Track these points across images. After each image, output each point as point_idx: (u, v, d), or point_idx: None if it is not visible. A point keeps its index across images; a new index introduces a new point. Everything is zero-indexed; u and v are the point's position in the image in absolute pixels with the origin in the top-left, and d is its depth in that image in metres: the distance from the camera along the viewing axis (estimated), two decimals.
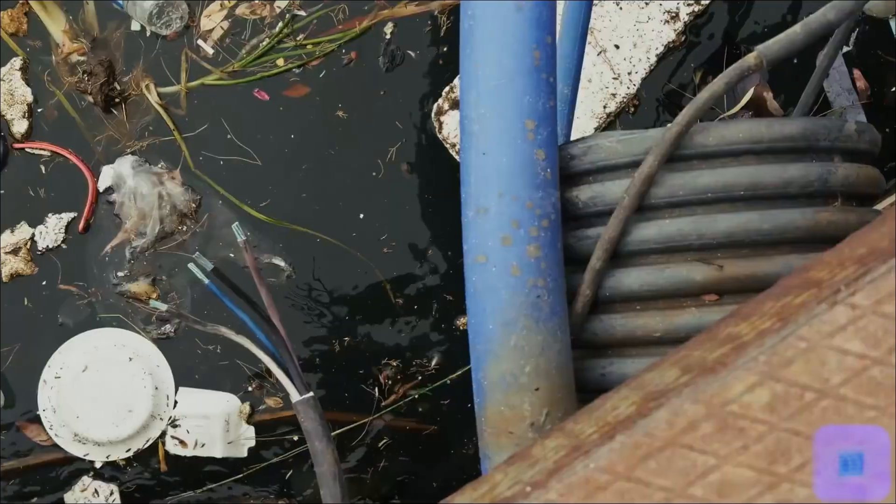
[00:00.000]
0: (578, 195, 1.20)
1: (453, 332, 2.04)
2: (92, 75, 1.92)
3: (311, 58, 1.98)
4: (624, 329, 1.16)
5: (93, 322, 1.97)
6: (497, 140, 1.16)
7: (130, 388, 1.91)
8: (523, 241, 1.13)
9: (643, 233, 1.14)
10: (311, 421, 1.19)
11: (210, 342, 1.98)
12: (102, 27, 1.99)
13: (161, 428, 1.94)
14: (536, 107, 1.17)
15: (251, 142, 2.00)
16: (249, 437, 1.95)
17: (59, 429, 1.92)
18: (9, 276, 1.95)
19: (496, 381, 1.13)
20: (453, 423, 2.04)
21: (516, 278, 1.13)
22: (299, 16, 1.99)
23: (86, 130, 1.98)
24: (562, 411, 1.13)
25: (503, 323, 1.13)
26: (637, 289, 1.15)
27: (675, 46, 2.04)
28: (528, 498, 0.72)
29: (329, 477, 1.18)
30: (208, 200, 1.98)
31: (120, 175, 1.94)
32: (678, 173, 1.12)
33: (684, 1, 2.05)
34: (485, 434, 1.15)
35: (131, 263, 1.96)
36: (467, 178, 1.18)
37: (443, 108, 2.00)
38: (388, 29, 2.02)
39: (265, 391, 1.97)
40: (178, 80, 1.98)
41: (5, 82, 1.93)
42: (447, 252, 2.05)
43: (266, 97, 1.99)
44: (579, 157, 1.19)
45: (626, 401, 0.78)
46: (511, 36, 1.17)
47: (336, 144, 2.01)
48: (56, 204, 1.97)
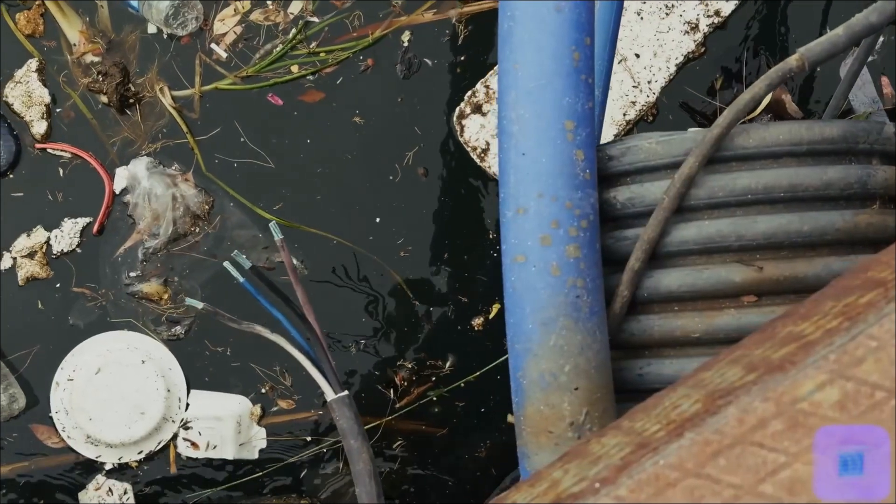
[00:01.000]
0: (616, 196, 1.20)
1: (468, 333, 2.04)
2: (107, 76, 1.92)
3: (324, 65, 1.98)
4: (662, 330, 1.16)
5: (103, 323, 1.96)
6: (536, 141, 1.16)
7: (143, 390, 1.90)
8: (563, 241, 1.14)
9: (682, 234, 1.15)
10: (347, 419, 1.19)
11: (219, 344, 1.98)
12: (117, 30, 1.98)
13: (173, 430, 1.93)
14: (575, 108, 1.17)
15: (266, 146, 2.00)
16: (261, 439, 1.95)
17: (72, 430, 1.91)
18: (24, 280, 1.94)
19: (535, 379, 1.13)
20: (467, 426, 2.04)
21: (556, 278, 1.13)
22: (312, 22, 1.99)
23: (101, 131, 1.97)
24: (601, 411, 1.13)
25: (542, 322, 1.13)
26: (676, 290, 1.15)
27: (695, 57, 2.05)
28: (598, 494, 0.73)
29: (365, 475, 1.18)
30: (221, 202, 1.98)
31: (134, 176, 1.94)
32: (718, 175, 1.13)
33: (704, 12, 2.06)
34: (524, 433, 1.15)
35: (144, 264, 1.95)
36: (506, 179, 1.18)
37: (464, 111, 2.01)
38: (406, 37, 2.02)
39: (277, 393, 1.96)
40: (192, 84, 1.98)
41: (23, 84, 1.93)
42: (463, 256, 2.06)
43: (279, 102, 1.99)
44: (617, 158, 1.20)
45: (688, 399, 0.79)
46: (550, 37, 1.18)
47: (353, 149, 2.01)
48: (72, 206, 1.96)
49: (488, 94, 2.02)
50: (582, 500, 0.73)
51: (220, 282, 1.98)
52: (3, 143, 1.92)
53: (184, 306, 1.93)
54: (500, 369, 2.03)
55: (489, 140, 2.02)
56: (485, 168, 2.02)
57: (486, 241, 2.04)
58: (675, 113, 2.07)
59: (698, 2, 2.09)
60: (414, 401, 1.95)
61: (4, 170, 1.93)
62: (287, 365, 1.98)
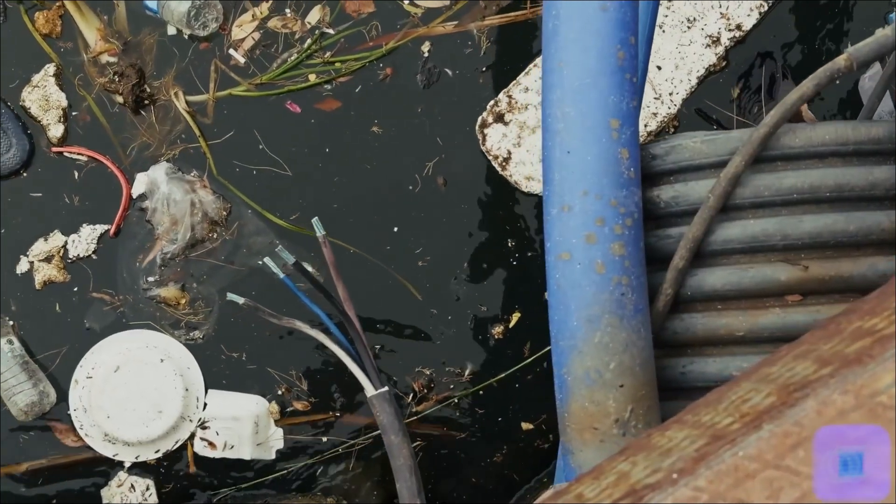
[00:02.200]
0: (660, 195, 1.20)
1: (489, 342, 2.04)
2: (123, 76, 1.91)
3: (338, 74, 1.98)
4: (705, 328, 1.17)
5: (120, 326, 1.95)
6: (582, 139, 1.16)
7: (161, 389, 1.89)
8: (608, 238, 1.14)
9: (727, 232, 1.15)
10: (387, 415, 1.19)
11: (235, 350, 1.97)
12: (134, 32, 1.98)
13: (190, 429, 1.92)
14: (620, 106, 1.18)
15: (284, 153, 2.00)
16: (278, 439, 1.94)
17: (90, 428, 1.90)
18: (41, 284, 1.93)
19: (580, 376, 1.14)
20: (487, 432, 2.04)
21: (601, 276, 1.14)
22: (328, 33, 2.00)
23: (115, 134, 1.97)
24: (645, 408, 1.14)
25: (587, 319, 1.13)
26: (720, 288, 1.16)
27: (716, 70, 2.07)
28: (677, 484, 0.73)
29: (405, 470, 1.17)
30: (238, 209, 1.98)
31: (154, 181, 1.93)
32: (763, 174, 1.14)
33: (725, 26, 2.08)
34: (568, 429, 1.15)
35: (162, 269, 1.95)
36: (550, 176, 1.19)
37: (486, 120, 2.01)
38: (426, 47, 2.03)
39: (293, 395, 1.96)
40: (207, 90, 1.98)
41: (40, 88, 1.92)
42: (482, 264, 2.06)
43: (297, 109, 1.99)
44: (661, 158, 1.20)
45: (757, 393, 0.79)
46: (596, 36, 1.18)
47: (372, 159, 2.01)
48: (88, 210, 1.95)
49: (511, 103, 2.03)
50: (659, 490, 0.73)
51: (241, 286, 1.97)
52: (16, 141, 1.91)
53: (202, 311, 1.93)
54: (519, 377, 2.03)
55: (511, 149, 2.02)
56: (506, 177, 2.03)
57: (506, 249, 2.04)
58: (697, 125, 2.08)
59: (720, 16, 2.11)
60: (433, 405, 1.94)
61: (18, 168, 1.92)
62: (303, 369, 1.98)
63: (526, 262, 2.04)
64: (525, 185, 2.01)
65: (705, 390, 1.18)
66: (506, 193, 2.04)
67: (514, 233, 2.04)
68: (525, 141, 2.02)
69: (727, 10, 2.12)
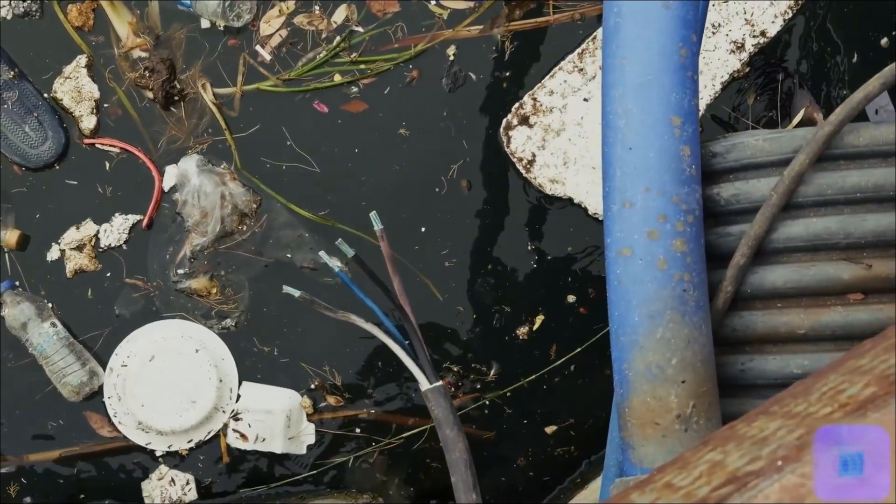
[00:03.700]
0: (720, 192, 1.21)
1: (514, 343, 2.04)
2: (153, 72, 1.91)
3: (363, 75, 1.99)
4: (766, 326, 1.17)
5: (149, 313, 1.95)
6: (643, 136, 1.17)
7: (195, 379, 1.88)
8: (669, 235, 1.14)
9: (789, 231, 1.15)
10: (442, 409, 1.18)
11: (268, 343, 1.97)
12: (166, 27, 1.98)
13: (223, 420, 1.92)
14: (682, 104, 1.18)
15: (314, 151, 2.00)
16: (309, 434, 1.94)
17: (123, 416, 1.90)
18: (72, 272, 1.92)
19: (642, 371, 1.14)
20: (513, 432, 2.04)
21: (663, 272, 1.14)
22: (356, 32, 2.00)
23: (145, 127, 1.96)
24: (707, 404, 1.14)
25: (649, 315, 1.14)
26: (781, 286, 1.16)
27: (740, 75, 2.08)
28: (783, 471, 0.73)
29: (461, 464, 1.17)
30: (268, 202, 1.97)
31: (184, 174, 1.93)
32: (826, 172, 1.14)
33: (750, 33, 2.09)
34: (629, 424, 1.15)
35: (192, 261, 1.94)
36: (612, 172, 1.19)
37: (511, 123, 2.02)
38: (451, 51, 2.03)
39: (326, 388, 1.95)
40: (234, 83, 1.98)
41: (72, 79, 1.92)
42: (507, 266, 2.06)
43: (325, 109, 1.99)
44: (722, 155, 1.21)
45: (853, 384, 0.79)
46: (658, 33, 1.19)
47: (400, 161, 2.01)
48: (119, 201, 1.95)
49: (535, 106, 2.03)
50: (764, 476, 0.73)
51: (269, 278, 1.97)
52: (52, 134, 1.91)
53: (234, 300, 1.92)
54: (546, 380, 2.03)
55: (535, 152, 2.03)
56: (530, 179, 2.03)
57: (527, 252, 2.04)
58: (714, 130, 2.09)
59: (745, 22, 2.12)
60: (459, 407, 1.94)
61: (52, 161, 1.91)
62: (336, 364, 1.98)
63: (547, 265, 2.04)
64: (549, 188, 2.02)
65: (764, 388, 1.18)
66: (529, 196, 2.04)
67: (536, 235, 2.04)
68: (549, 144, 2.02)
69: (752, 16, 2.13)
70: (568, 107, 2.01)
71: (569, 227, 2.05)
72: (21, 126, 1.89)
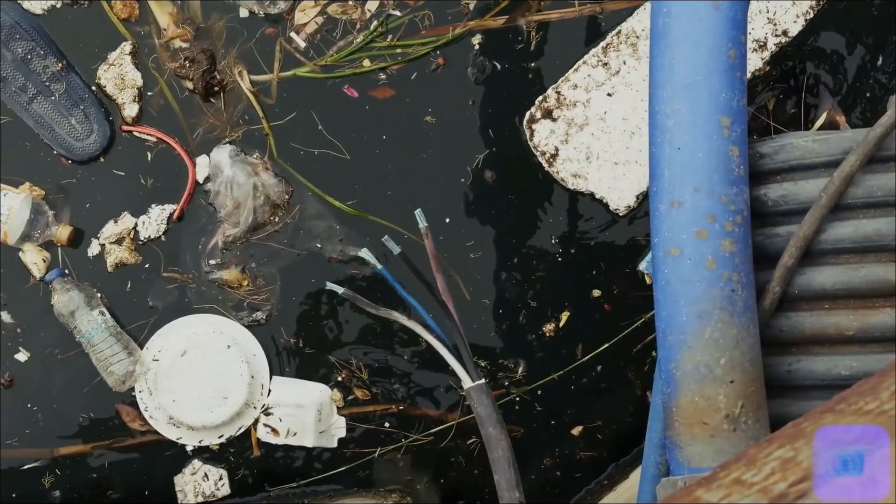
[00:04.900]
0: (767, 193, 1.21)
1: (541, 339, 2.04)
2: (193, 62, 1.91)
3: (394, 61, 1.99)
4: (813, 327, 1.17)
5: (183, 306, 1.95)
6: (693, 135, 1.17)
7: (227, 375, 1.88)
8: (718, 235, 1.15)
9: (838, 232, 1.16)
10: (485, 406, 1.19)
11: (294, 335, 1.97)
12: (206, 17, 1.98)
13: (254, 416, 1.92)
14: (731, 104, 1.19)
15: (343, 138, 2.00)
16: (340, 428, 1.94)
17: (154, 411, 1.90)
18: (114, 266, 1.93)
19: (690, 371, 1.14)
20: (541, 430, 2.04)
21: (711, 272, 1.14)
22: (394, 15, 2.00)
23: (184, 118, 1.96)
24: (755, 404, 1.14)
25: (698, 315, 1.14)
26: (829, 287, 1.16)
27: (761, 74, 2.08)
28: None
29: (504, 462, 1.17)
30: (300, 192, 1.97)
31: (217, 164, 1.93)
32: (876, 174, 1.14)
33: (772, 32, 2.09)
34: (676, 423, 1.16)
35: (224, 252, 1.95)
36: (659, 172, 1.19)
37: (535, 116, 2.01)
38: (477, 40, 2.03)
39: (353, 382, 1.96)
40: (271, 70, 1.97)
41: (116, 66, 1.92)
42: (532, 261, 2.06)
43: (355, 94, 1.99)
44: (770, 156, 1.21)
45: None
46: (708, 34, 1.19)
47: (426, 149, 2.01)
48: (157, 192, 1.95)
49: (559, 99, 2.03)
50: None
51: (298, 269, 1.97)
52: (97, 127, 1.91)
53: (264, 290, 1.93)
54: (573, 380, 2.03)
55: (558, 146, 2.02)
56: (553, 173, 2.02)
57: (551, 246, 2.04)
58: None
59: (767, 21, 2.11)
60: None
61: (97, 154, 1.92)
62: (363, 359, 1.98)
63: (571, 260, 2.04)
64: (571, 183, 2.01)
65: (811, 389, 1.19)
66: (552, 189, 2.04)
67: (559, 230, 2.04)
68: (573, 138, 2.02)
69: (774, 15, 2.12)
70: (591, 101, 2.00)
71: (590, 222, 2.05)
72: (67, 118, 1.89)
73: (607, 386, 2.05)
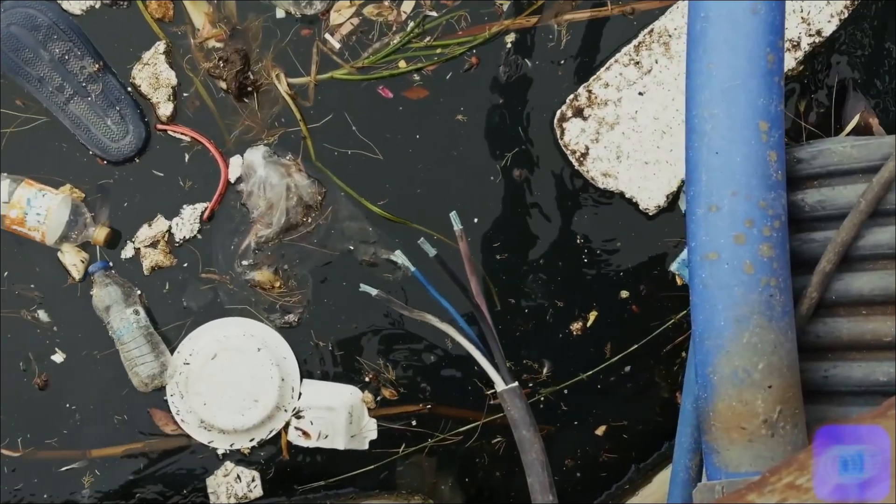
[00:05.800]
0: (804, 198, 1.21)
1: (568, 339, 2.04)
2: (228, 62, 1.92)
3: (430, 62, 1.99)
4: (850, 333, 1.17)
5: (216, 307, 1.96)
6: (731, 140, 1.17)
7: (258, 378, 1.89)
8: (756, 239, 1.15)
9: (877, 237, 1.16)
10: (518, 410, 1.19)
11: (323, 338, 1.98)
12: (242, 18, 1.99)
13: (285, 419, 1.93)
14: (769, 109, 1.19)
15: (376, 138, 2.00)
16: (371, 430, 1.95)
17: (186, 414, 1.91)
18: (150, 270, 1.94)
19: (727, 376, 1.14)
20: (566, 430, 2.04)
21: (749, 276, 1.14)
22: (430, 16, 2.00)
23: (220, 119, 1.98)
24: (792, 409, 1.14)
25: (735, 319, 1.14)
26: (867, 293, 1.16)
27: (794, 74, 2.06)
28: None
29: (537, 465, 1.18)
30: (333, 193, 1.98)
31: (251, 165, 1.94)
32: None
33: (806, 31, 2.08)
34: (713, 428, 1.16)
35: (256, 253, 1.96)
36: (696, 176, 1.19)
37: (566, 115, 2.01)
38: (509, 38, 2.03)
39: (381, 382, 1.97)
40: (308, 72, 1.98)
41: (150, 66, 1.94)
42: (559, 260, 2.06)
43: (390, 95, 2.00)
44: (807, 162, 1.21)
45: None
46: (746, 38, 1.19)
47: (457, 147, 2.02)
48: (191, 193, 1.96)
49: (590, 98, 2.03)
50: None
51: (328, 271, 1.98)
52: (133, 128, 1.93)
53: (297, 294, 1.94)
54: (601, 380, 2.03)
55: (588, 145, 2.02)
56: (583, 172, 2.02)
57: (577, 246, 2.04)
58: None
59: (801, 20, 2.10)
60: None
61: (132, 155, 1.93)
62: (390, 360, 1.99)
63: (598, 260, 2.04)
64: (602, 182, 2.01)
65: (848, 395, 1.19)
66: (583, 189, 2.04)
67: (587, 229, 2.04)
68: (603, 137, 2.02)
69: (808, 14, 2.11)
70: (623, 100, 2.00)
71: (619, 222, 2.05)
72: (103, 119, 1.91)
73: (634, 387, 2.05)
